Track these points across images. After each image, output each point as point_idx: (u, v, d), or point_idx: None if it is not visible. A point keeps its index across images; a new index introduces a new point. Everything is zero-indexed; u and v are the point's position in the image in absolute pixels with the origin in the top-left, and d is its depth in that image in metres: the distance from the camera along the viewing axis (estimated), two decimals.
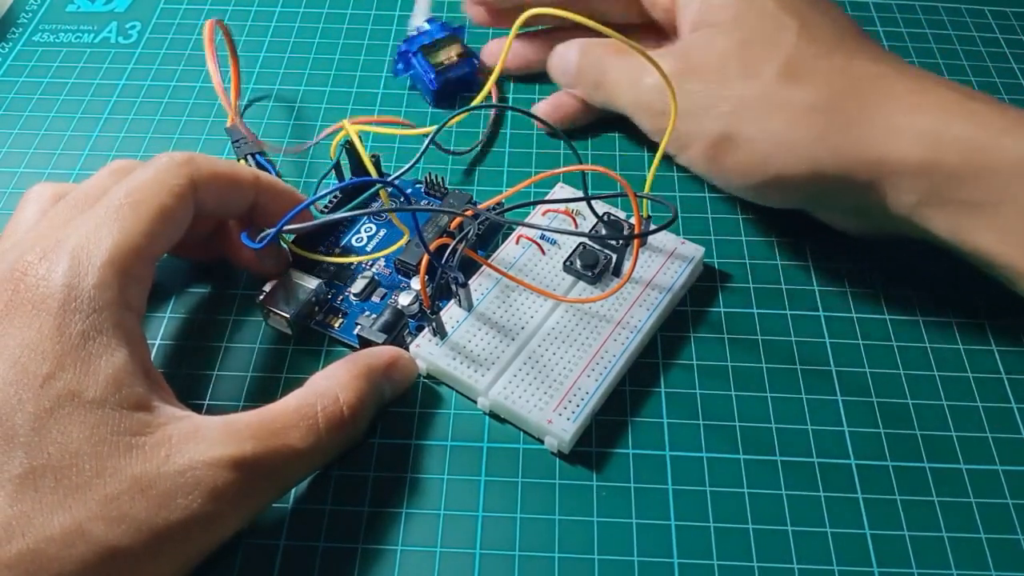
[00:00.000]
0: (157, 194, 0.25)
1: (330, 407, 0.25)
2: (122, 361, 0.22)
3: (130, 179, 0.25)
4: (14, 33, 0.43)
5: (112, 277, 0.23)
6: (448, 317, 0.29)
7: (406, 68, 0.39)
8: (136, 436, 0.22)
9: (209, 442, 0.22)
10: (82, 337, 0.22)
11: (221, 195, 0.27)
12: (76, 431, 0.21)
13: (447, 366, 0.28)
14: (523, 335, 0.28)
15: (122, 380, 0.22)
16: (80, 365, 0.22)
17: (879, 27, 0.43)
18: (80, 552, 0.20)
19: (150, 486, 0.21)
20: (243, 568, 0.25)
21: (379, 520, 0.26)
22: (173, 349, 0.30)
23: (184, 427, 0.22)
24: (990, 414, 0.28)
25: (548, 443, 0.27)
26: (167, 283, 0.32)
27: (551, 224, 0.32)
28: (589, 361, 0.28)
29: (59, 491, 0.20)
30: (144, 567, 0.21)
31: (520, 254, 0.31)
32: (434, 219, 0.32)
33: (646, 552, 0.25)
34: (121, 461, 0.21)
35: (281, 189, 0.29)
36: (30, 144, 0.37)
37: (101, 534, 0.20)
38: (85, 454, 0.21)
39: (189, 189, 0.26)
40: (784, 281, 0.32)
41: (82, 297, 0.22)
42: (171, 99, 0.39)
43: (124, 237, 0.24)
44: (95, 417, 0.21)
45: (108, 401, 0.22)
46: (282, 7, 0.44)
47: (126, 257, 0.23)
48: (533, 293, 0.29)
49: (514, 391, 0.27)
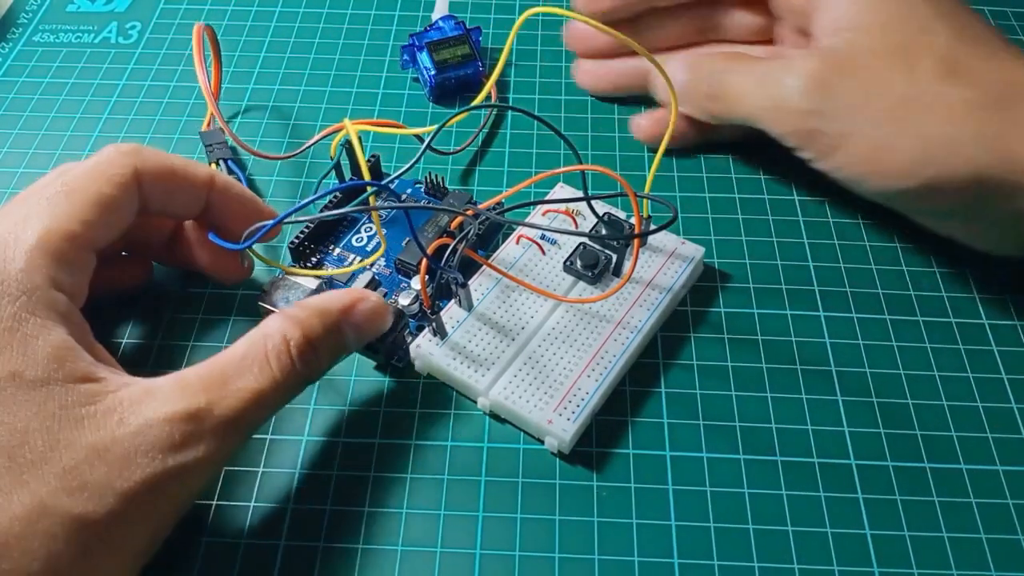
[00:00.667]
0: (94, 182, 0.25)
1: (279, 346, 0.24)
2: (60, 339, 0.22)
3: (69, 169, 0.25)
4: (14, 33, 0.43)
5: (40, 261, 0.23)
6: (448, 317, 0.29)
7: (411, 61, 0.39)
8: (85, 407, 0.22)
9: (161, 400, 0.22)
10: (14, 319, 0.22)
11: (170, 190, 0.27)
12: (22, 410, 0.21)
13: (447, 366, 0.28)
14: (523, 335, 0.28)
15: (63, 356, 0.22)
16: (16, 346, 0.22)
17: None
18: (46, 526, 0.20)
19: (107, 451, 0.21)
20: (243, 568, 0.25)
21: (379, 520, 0.26)
22: (173, 349, 0.30)
23: (134, 391, 0.22)
24: (990, 414, 0.28)
25: (548, 443, 0.27)
26: (167, 283, 0.32)
27: (551, 224, 0.32)
28: (589, 361, 0.28)
29: (13, 470, 0.20)
30: (115, 533, 0.21)
31: (520, 254, 0.31)
32: (434, 219, 0.32)
33: (646, 552, 0.25)
34: (73, 432, 0.21)
35: (237, 192, 0.28)
36: (30, 144, 0.37)
37: (65, 506, 0.20)
38: (35, 430, 0.21)
39: (132, 179, 0.25)
40: (784, 281, 0.32)
41: (9, 281, 0.22)
42: (171, 99, 0.39)
43: (54, 223, 0.24)
44: (40, 395, 0.21)
45: (51, 378, 0.22)
46: (282, 7, 0.44)
47: (57, 242, 0.23)
48: (533, 293, 0.29)
49: (514, 391, 0.27)
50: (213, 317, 0.31)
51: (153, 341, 0.30)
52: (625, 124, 0.38)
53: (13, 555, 0.20)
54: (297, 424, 0.28)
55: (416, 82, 0.40)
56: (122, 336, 0.30)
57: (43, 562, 0.20)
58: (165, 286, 0.32)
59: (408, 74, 0.40)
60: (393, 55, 0.41)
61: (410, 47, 0.39)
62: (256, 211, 0.28)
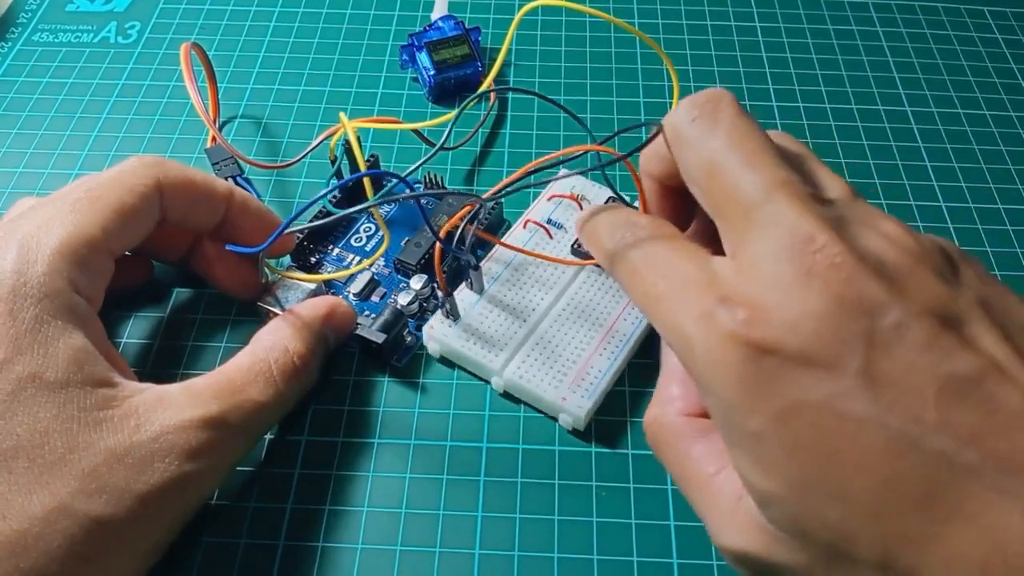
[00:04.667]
0: (116, 191, 0.25)
1: (282, 359, 0.25)
2: (80, 342, 0.23)
3: (93, 177, 0.26)
4: (13, 33, 0.43)
5: (62, 264, 0.23)
6: (460, 300, 0.29)
7: (410, 62, 0.39)
8: (103, 410, 0.22)
9: (176, 407, 0.23)
10: (35, 321, 0.22)
11: (190, 203, 0.27)
12: (42, 411, 0.21)
13: (462, 347, 0.28)
14: (535, 315, 0.29)
15: (82, 360, 0.22)
16: (37, 348, 0.22)
17: (879, 27, 0.43)
18: (64, 527, 0.20)
19: (126, 455, 0.21)
20: (242, 568, 0.25)
21: (378, 520, 0.26)
22: (172, 349, 0.30)
23: (148, 397, 0.23)
24: None
25: (563, 420, 0.27)
26: (167, 283, 0.32)
27: (557, 209, 0.32)
28: (601, 339, 0.28)
29: (34, 470, 0.21)
30: (131, 534, 0.21)
31: (528, 238, 0.31)
32: (434, 219, 0.32)
33: (646, 552, 0.25)
34: (92, 435, 0.21)
35: (255, 207, 0.29)
36: (30, 144, 0.37)
37: (83, 507, 0.21)
38: (55, 432, 0.21)
39: (154, 190, 0.26)
40: None
41: (31, 283, 0.23)
42: (170, 99, 0.39)
43: (77, 228, 0.24)
44: (60, 397, 0.22)
45: (71, 380, 0.22)
46: (281, 7, 0.44)
47: (78, 247, 0.24)
48: (543, 274, 0.30)
49: (528, 370, 0.27)
50: (213, 317, 0.31)
51: (153, 341, 0.30)
52: (625, 124, 0.38)
53: (32, 555, 0.20)
54: (297, 424, 0.28)
55: (415, 82, 0.40)
56: (122, 336, 0.30)
57: (61, 563, 0.20)
58: (165, 286, 0.32)
59: (407, 74, 0.40)
60: (392, 55, 0.41)
61: (409, 47, 0.39)
62: (273, 226, 0.29)
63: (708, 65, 0.41)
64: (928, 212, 0.35)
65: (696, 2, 0.44)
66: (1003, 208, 0.35)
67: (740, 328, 0.19)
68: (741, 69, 0.41)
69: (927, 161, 0.37)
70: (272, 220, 0.29)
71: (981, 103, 0.39)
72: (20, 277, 0.23)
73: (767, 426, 0.19)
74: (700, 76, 0.40)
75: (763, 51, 0.42)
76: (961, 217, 0.35)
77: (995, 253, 0.33)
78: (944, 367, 0.18)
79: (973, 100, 0.40)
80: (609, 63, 0.41)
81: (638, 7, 0.44)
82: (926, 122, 0.38)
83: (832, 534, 0.19)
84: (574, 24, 0.43)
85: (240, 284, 0.30)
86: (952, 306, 0.19)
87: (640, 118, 0.38)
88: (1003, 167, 0.37)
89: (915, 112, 0.39)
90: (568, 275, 0.30)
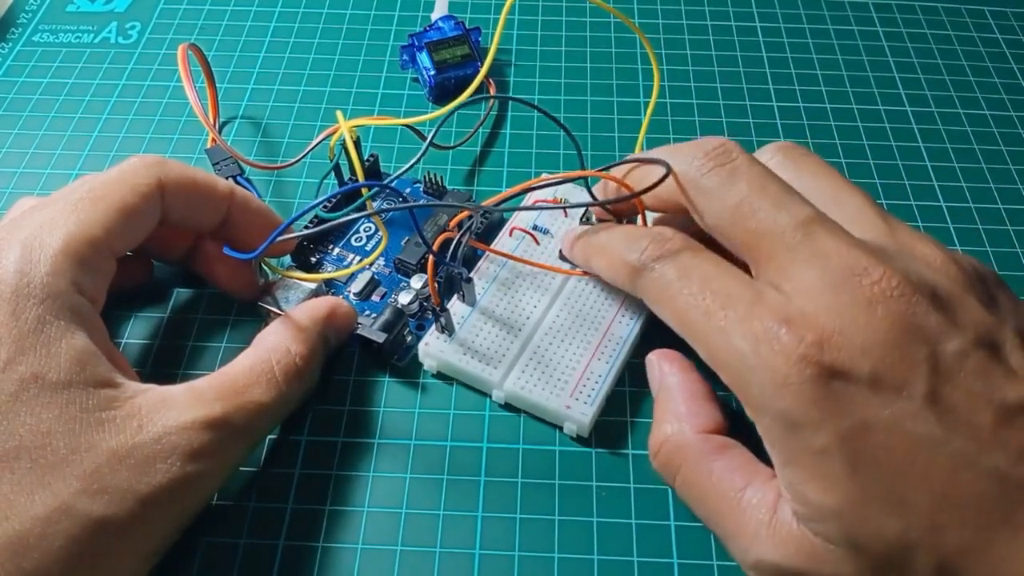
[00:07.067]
0: (119, 191, 0.25)
1: (284, 359, 0.25)
2: (82, 343, 0.23)
3: (94, 177, 0.26)
4: (14, 33, 0.43)
5: (65, 265, 0.23)
6: (453, 313, 0.29)
7: (410, 62, 0.39)
8: (106, 411, 0.22)
9: (179, 408, 0.23)
10: (38, 322, 0.22)
11: (191, 203, 0.27)
12: (45, 412, 0.21)
13: (459, 362, 0.28)
14: (529, 325, 0.29)
15: (84, 360, 0.22)
16: (40, 348, 0.22)
17: (879, 27, 0.43)
18: (66, 528, 0.20)
19: (128, 456, 0.21)
20: (243, 568, 0.25)
21: (378, 520, 0.26)
22: (173, 349, 0.30)
23: (151, 398, 0.23)
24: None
25: (567, 428, 0.27)
26: (167, 283, 0.32)
27: (542, 214, 0.32)
28: (598, 344, 0.28)
29: (36, 471, 0.21)
30: (133, 535, 0.21)
31: (515, 246, 0.31)
32: (433, 218, 0.32)
33: (646, 552, 0.25)
34: (95, 436, 0.21)
35: (256, 207, 0.29)
36: (30, 144, 0.37)
37: (85, 508, 0.21)
38: (57, 432, 0.21)
39: (155, 190, 0.26)
40: None
41: (34, 283, 0.23)
42: (171, 99, 0.39)
43: (79, 228, 0.24)
44: (62, 397, 0.22)
45: (73, 381, 0.22)
46: (282, 7, 0.44)
47: (81, 247, 0.24)
48: (534, 283, 0.30)
49: (528, 380, 0.27)
50: (213, 317, 0.31)
51: (153, 341, 0.30)
52: (625, 124, 0.38)
53: (34, 555, 0.20)
54: (297, 424, 0.28)
55: (416, 82, 0.40)
56: (122, 336, 0.30)
57: (63, 563, 0.20)
58: (165, 286, 0.32)
59: (408, 74, 0.40)
60: (392, 55, 0.41)
61: (409, 47, 0.39)
62: (274, 225, 0.29)
63: (708, 65, 0.41)
64: (928, 212, 0.35)
65: (696, 2, 0.44)
66: (1003, 208, 0.35)
67: (811, 351, 0.20)
68: (741, 69, 0.41)
69: (927, 161, 0.37)
70: (273, 220, 0.29)
71: (981, 103, 0.39)
72: (23, 277, 0.23)
73: (833, 443, 0.20)
74: (700, 76, 0.40)
75: (763, 51, 0.42)
76: (961, 217, 0.35)
77: (995, 253, 0.33)
78: (997, 394, 0.20)
79: (973, 100, 0.40)
80: (609, 63, 0.41)
81: (638, 7, 0.44)
82: (926, 122, 0.38)
83: (888, 546, 0.20)
84: (574, 24, 0.43)
85: (240, 284, 0.30)
86: (996, 334, 0.21)
87: (640, 118, 0.38)
88: (1003, 167, 0.37)
89: (915, 112, 0.39)
90: (558, 280, 0.30)
